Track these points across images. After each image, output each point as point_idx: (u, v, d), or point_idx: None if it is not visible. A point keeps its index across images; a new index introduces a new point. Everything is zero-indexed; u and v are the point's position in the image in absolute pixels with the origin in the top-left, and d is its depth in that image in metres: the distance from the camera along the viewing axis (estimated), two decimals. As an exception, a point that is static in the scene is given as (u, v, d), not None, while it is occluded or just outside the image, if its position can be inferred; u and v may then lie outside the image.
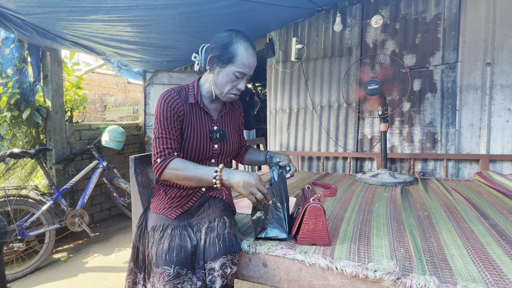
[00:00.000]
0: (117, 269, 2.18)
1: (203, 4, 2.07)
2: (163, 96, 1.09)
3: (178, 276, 0.89)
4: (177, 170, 1.03)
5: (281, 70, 3.10)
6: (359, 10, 2.72)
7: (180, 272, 0.90)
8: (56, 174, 2.66)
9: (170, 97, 1.09)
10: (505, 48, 2.23)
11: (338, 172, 2.85)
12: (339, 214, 1.41)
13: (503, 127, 2.26)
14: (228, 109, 1.25)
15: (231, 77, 1.08)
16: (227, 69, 1.07)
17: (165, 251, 0.93)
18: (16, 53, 2.49)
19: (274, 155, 1.31)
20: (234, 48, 1.06)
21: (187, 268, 0.92)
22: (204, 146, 1.15)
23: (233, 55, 1.06)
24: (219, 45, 1.08)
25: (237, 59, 1.06)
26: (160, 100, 1.09)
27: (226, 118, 1.24)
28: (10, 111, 2.40)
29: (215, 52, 1.08)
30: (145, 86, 3.64)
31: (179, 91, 1.12)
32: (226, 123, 1.24)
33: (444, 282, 0.80)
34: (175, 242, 0.96)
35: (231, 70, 1.07)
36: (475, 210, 1.42)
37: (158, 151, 1.06)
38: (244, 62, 1.07)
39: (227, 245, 0.98)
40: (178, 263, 0.91)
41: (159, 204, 1.15)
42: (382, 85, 2.12)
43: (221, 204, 1.18)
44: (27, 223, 2.12)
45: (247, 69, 1.08)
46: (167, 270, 0.89)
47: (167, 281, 0.88)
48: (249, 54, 1.07)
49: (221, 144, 1.20)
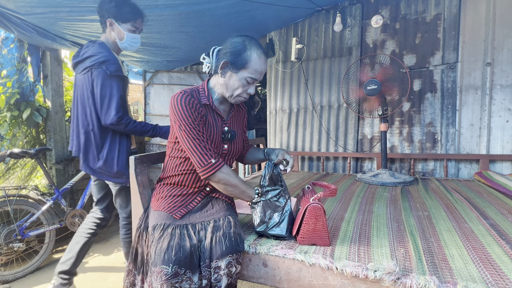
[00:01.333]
0: (117, 269, 2.18)
1: (203, 4, 2.07)
2: (179, 98, 1.08)
3: (176, 276, 0.90)
4: (229, 175, 1.09)
5: (281, 70, 3.10)
6: (359, 10, 2.72)
7: (178, 271, 0.90)
8: (56, 174, 2.66)
9: (188, 97, 1.09)
10: (505, 48, 2.24)
11: (338, 172, 2.85)
12: (339, 214, 1.41)
13: (503, 127, 2.26)
14: (235, 110, 1.28)
15: (243, 82, 1.11)
16: (240, 75, 1.10)
17: (164, 250, 0.93)
18: (16, 53, 2.49)
19: (271, 151, 1.32)
20: (248, 54, 1.08)
21: (185, 267, 0.92)
22: (216, 146, 1.17)
23: (247, 61, 1.08)
24: (232, 51, 1.09)
25: (250, 65, 1.09)
26: (177, 102, 1.08)
27: (234, 119, 1.27)
28: (10, 111, 2.40)
29: (229, 58, 1.10)
30: (145, 86, 3.64)
31: (191, 93, 1.12)
32: (234, 124, 1.27)
33: (444, 282, 0.80)
34: (174, 242, 0.96)
35: (244, 75, 1.10)
36: (475, 210, 1.42)
37: (207, 153, 1.07)
38: (257, 69, 1.10)
39: (233, 244, 0.99)
40: (176, 263, 0.91)
41: (162, 203, 1.15)
42: (381, 85, 2.12)
43: (224, 204, 1.19)
44: (27, 223, 2.11)
45: (258, 75, 1.12)
46: (165, 269, 0.89)
47: (165, 280, 0.88)
48: (261, 61, 1.10)
49: (230, 145, 1.22)
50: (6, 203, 2.04)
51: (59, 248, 2.54)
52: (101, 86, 1.48)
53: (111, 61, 1.50)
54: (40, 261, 2.19)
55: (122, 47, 1.63)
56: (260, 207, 1.10)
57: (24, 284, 2.01)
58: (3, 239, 2.02)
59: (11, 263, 2.18)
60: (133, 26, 1.59)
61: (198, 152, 1.07)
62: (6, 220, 2.19)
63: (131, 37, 1.59)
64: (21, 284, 2.01)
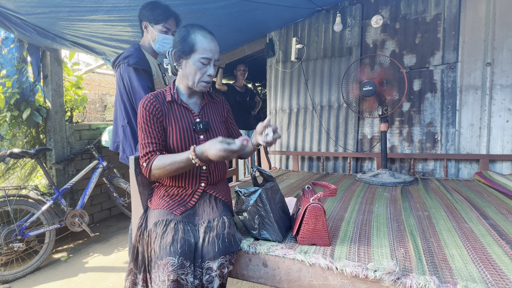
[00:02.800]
0: (117, 269, 2.18)
1: (203, 4, 2.07)
2: (141, 102, 1.16)
3: (183, 267, 0.90)
4: (159, 168, 1.10)
5: (281, 70, 3.10)
6: (359, 10, 2.72)
7: (185, 263, 0.91)
8: (56, 174, 2.66)
9: (147, 101, 1.15)
10: (505, 48, 2.24)
11: (338, 172, 2.85)
12: (339, 214, 1.41)
13: (503, 127, 2.26)
14: (207, 101, 1.29)
15: (198, 65, 1.13)
16: (192, 59, 1.13)
17: (169, 243, 0.94)
18: (16, 53, 2.49)
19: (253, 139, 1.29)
20: (192, 37, 1.12)
21: (190, 261, 0.93)
22: (190, 138, 1.18)
23: (193, 43, 1.12)
24: (178, 40, 1.14)
25: (198, 46, 1.12)
26: (139, 108, 1.16)
27: (207, 110, 1.28)
28: (10, 111, 2.40)
29: (177, 47, 1.14)
30: (145, 86, 3.63)
31: (156, 95, 1.18)
32: (208, 114, 1.27)
33: (444, 282, 0.80)
34: (178, 236, 0.97)
35: (196, 58, 1.13)
36: (475, 210, 1.42)
37: (142, 156, 1.14)
38: (205, 48, 1.13)
39: (226, 245, 0.99)
40: (182, 254, 0.92)
41: (161, 202, 1.16)
42: (377, 86, 2.13)
43: (220, 204, 1.19)
44: (27, 223, 2.11)
45: (210, 53, 1.13)
46: (172, 260, 0.90)
47: (172, 271, 0.89)
48: (207, 40, 1.13)
49: (207, 134, 1.22)
50: (6, 203, 2.04)
51: (59, 248, 2.54)
52: (128, 78, 1.55)
53: (133, 56, 1.56)
54: (40, 261, 2.19)
55: (155, 48, 1.68)
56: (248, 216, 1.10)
57: (24, 284, 2.01)
58: (3, 239, 2.02)
59: (11, 263, 2.18)
60: (165, 27, 1.64)
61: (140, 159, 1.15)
62: (6, 220, 2.19)
63: (162, 38, 1.64)
64: (21, 284, 2.01)
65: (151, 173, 1.13)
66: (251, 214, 1.09)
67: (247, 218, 1.11)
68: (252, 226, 1.10)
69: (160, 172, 1.11)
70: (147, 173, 1.13)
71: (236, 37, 3.06)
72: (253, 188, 1.10)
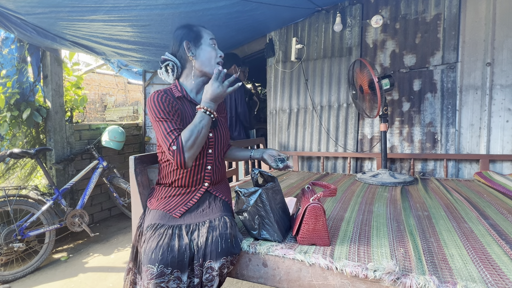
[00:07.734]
0: (117, 269, 2.18)
1: (203, 4, 2.07)
2: (152, 96, 1.14)
3: (162, 275, 0.90)
4: (188, 140, 1.05)
5: (281, 70, 3.10)
6: (359, 10, 2.72)
7: (164, 271, 0.91)
8: (56, 174, 2.66)
9: (162, 95, 1.14)
10: (505, 48, 2.23)
11: (338, 172, 2.85)
12: (339, 214, 1.41)
13: (503, 127, 2.26)
14: None
15: (210, 46, 1.22)
16: (203, 43, 1.21)
17: (152, 249, 0.94)
18: (16, 53, 2.49)
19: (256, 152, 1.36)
20: (194, 28, 1.22)
21: (173, 267, 0.92)
22: None
23: (199, 30, 1.22)
24: (185, 32, 1.21)
25: (203, 32, 1.22)
26: (151, 100, 1.13)
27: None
28: (10, 111, 2.40)
29: (187, 38, 1.20)
30: (145, 86, 3.64)
31: (165, 91, 1.18)
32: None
33: (444, 282, 0.80)
34: (163, 241, 0.96)
35: (206, 41, 1.21)
36: (475, 210, 1.42)
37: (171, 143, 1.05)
38: (208, 32, 1.24)
39: (228, 245, 0.99)
40: (162, 262, 0.91)
41: (162, 202, 1.16)
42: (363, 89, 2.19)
43: (221, 204, 1.18)
44: (27, 223, 2.12)
45: (212, 34, 1.25)
46: (151, 269, 0.90)
47: (150, 279, 0.90)
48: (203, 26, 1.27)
49: (215, 132, 1.22)
50: (6, 203, 2.04)
51: (59, 248, 2.54)
52: None
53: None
54: (40, 261, 2.19)
55: None
56: (248, 216, 1.10)
57: (24, 284, 2.01)
58: (3, 239, 2.02)
59: (11, 263, 2.18)
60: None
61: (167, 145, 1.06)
62: (6, 220, 2.19)
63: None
64: (21, 284, 2.01)
65: (185, 151, 1.04)
66: (251, 214, 1.09)
67: (247, 218, 1.11)
68: (252, 226, 1.10)
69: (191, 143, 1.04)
70: (181, 155, 1.04)
71: (236, 37, 3.06)
72: (253, 188, 1.09)
